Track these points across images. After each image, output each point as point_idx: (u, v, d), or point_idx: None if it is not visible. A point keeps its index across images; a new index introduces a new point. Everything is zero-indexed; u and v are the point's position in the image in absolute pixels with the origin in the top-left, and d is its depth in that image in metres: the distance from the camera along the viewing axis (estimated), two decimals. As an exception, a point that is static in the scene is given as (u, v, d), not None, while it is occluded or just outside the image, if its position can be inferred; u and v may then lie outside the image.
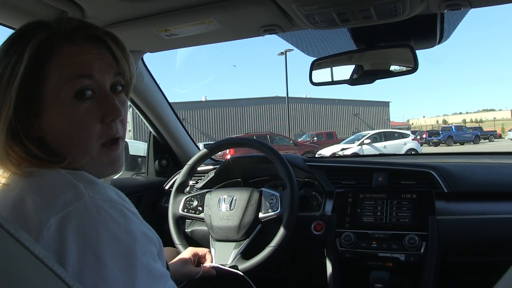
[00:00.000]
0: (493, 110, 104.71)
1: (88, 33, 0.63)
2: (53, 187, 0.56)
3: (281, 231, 1.27)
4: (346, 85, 1.31)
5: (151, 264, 0.57)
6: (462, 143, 25.96)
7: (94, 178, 0.60)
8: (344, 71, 1.31)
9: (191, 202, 1.43)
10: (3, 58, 0.61)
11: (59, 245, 0.51)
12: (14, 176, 0.60)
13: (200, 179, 1.70)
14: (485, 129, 35.50)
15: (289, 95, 23.71)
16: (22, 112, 0.60)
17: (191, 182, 1.56)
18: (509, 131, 29.29)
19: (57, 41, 0.61)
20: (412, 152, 14.30)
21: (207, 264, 1.22)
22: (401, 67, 1.24)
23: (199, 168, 1.57)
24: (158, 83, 1.70)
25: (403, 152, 14.51)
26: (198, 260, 1.23)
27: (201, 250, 1.25)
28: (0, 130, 0.59)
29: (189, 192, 1.51)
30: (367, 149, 15.11)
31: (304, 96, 35.76)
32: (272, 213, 1.31)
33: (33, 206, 0.54)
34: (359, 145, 15.47)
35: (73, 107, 0.60)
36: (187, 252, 1.23)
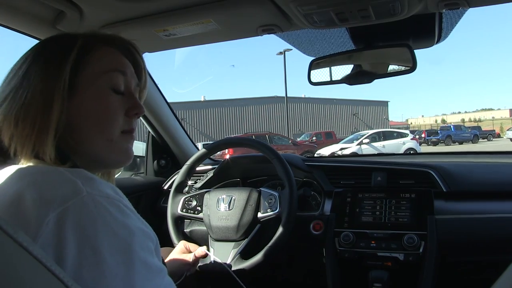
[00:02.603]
0: (491, 109, 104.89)
1: (119, 42, 0.73)
2: (51, 183, 0.56)
3: (280, 230, 1.27)
4: (344, 84, 1.31)
5: (149, 259, 0.57)
6: (460, 143, 26.00)
7: (92, 175, 0.61)
8: (343, 71, 1.31)
9: (190, 202, 1.43)
10: (51, 45, 0.68)
11: (57, 241, 0.51)
12: (12, 173, 0.60)
13: (199, 179, 1.70)
14: (483, 128, 35.53)
15: (288, 95, 23.72)
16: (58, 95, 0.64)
17: (190, 182, 1.56)
18: (507, 130, 29.31)
19: (97, 41, 0.70)
20: (411, 152, 14.31)
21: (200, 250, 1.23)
22: (400, 66, 1.24)
23: (198, 168, 1.57)
24: (157, 83, 1.70)
25: (402, 151, 14.53)
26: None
27: (192, 246, 1.26)
28: (56, 117, 0.62)
29: (188, 192, 1.51)
30: (366, 149, 15.14)
31: (303, 96, 35.77)
32: (271, 213, 1.31)
33: (31, 203, 0.54)
34: (358, 144, 15.48)
35: (109, 95, 0.67)
36: (179, 246, 1.26)
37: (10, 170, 0.61)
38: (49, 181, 0.57)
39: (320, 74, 1.33)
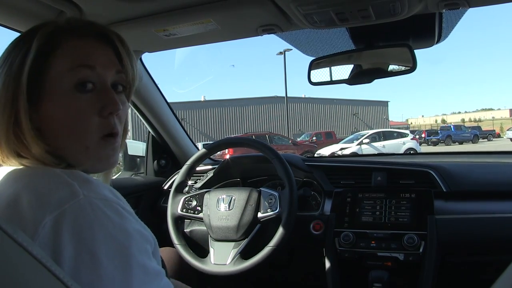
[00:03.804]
0: (491, 109, 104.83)
1: (95, 30, 0.65)
2: (47, 186, 0.56)
3: (280, 230, 1.27)
4: (345, 84, 1.31)
5: (146, 262, 0.57)
6: (461, 143, 25.98)
7: (89, 177, 0.60)
8: (343, 71, 1.31)
9: (190, 202, 1.43)
10: (13, 50, 0.62)
11: (54, 244, 0.51)
12: (8, 175, 0.60)
13: (199, 179, 1.70)
14: (483, 128, 35.49)
15: (288, 95, 23.72)
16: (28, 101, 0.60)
17: (190, 182, 1.56)
18: (507, 130, 29.30)
19: (65, 34, 0.62)
20: (411, 152, 14.30)
21: None
22: (400, 66, 1.24)
23: (198, 168, 1.57)
24: (157, 83, 1.70)
25: (402, 151, 14.51)
26: None
27: None
28: (6, 120, 0.59)
29: (188, 192, 1.51)
30: (366, 149, 15.13)
31: (303, 96, 35.75)
32: (271, 212, 1.31)
33: (28, 205, 0.53)
34: (358, 144, 15.48)
35: (73, 97, 0.60)
36: None
37: (6, 171, 0.61)
38: (45, 183, 0.56)
39: (320, 74, 1.33)
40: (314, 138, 21.74)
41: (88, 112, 0.61)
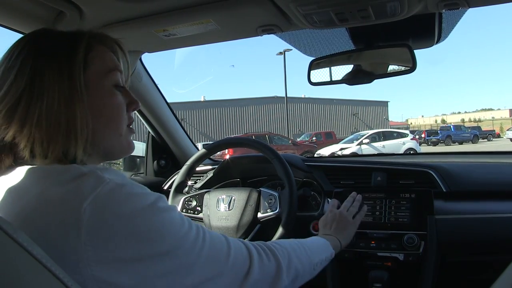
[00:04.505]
0: (491, 109, 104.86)
1: (111, 41, 0.74)
2: (71, 177, 0.58)
3: (280, 231, 1.27)
4: (344, 84, 1.31)
5: (188, 220, 0.66)
6: (460, 143, 26.00)
7: (103, 166, 0.66)
8: (343, 71, 1.31)
9: (190, 202, 1.43)
10: (55, 42, 0.67)
11: (98, 228, 0.53)
12: (29, 174, 0.60)
13: (199, 179, 1.70)
14: (483, 128, 35.51)
15: (288, 95, 23.74)
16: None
17: (189, 182, 1.56)
18: (507, 130, 29.31)
19: (93, 41, 0.70)
20: (411, 152, 14.31)
21: None
22: (400, 66, 1.24)
23: (197, 168, 1.57)
24: (157, 83, 1.70)
25: (402, 151, 14.52)
26: None
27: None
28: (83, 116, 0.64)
29: (187, 192, 1.51)
30: (366, 149, 15.13)
31: (303, 96, 35.78)
32: (271, 213, 1.31)
33: (60, 199, 0.55)
34: (358, 144, 15.48)
35: (114, 94, 0.70)
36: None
37: (23, 171, 0.61)
38: (70, 177, 0.58)
39: (320, 74, 1.33)
40: (314, 138, 21.75)
41: (123, 107, 0.72)
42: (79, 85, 0.64)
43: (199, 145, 7.84)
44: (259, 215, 1.33)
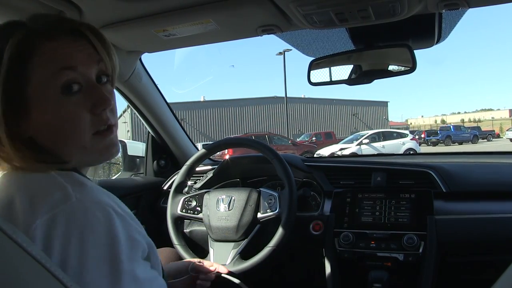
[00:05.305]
0: (491, 109, 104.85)
1: (65, 27, 0.62)
2: (41, 188, 0.56)
3: (280, 231, 1.27)
4: (344, 85, 1.31)
5: (136, 269, 0.56)
6: (460, 143, 25.97)
7: (84, 179, 0.60)
8: (343, 71, 1.31)
9: (190, 203, 1.43)
10: None
11: (44, 247, 0.50)
12: (4, 177, 0.59)
13: (199, 179, 1.70)
14: (483, 128, 35.48)
15: (287, 95, 23.71)
16: (8, 114, 0.58)
17: (189, 183, 1.56)
18: (507, 130, 29.31)
19: (36, 39, 0.59)
20: (411, 152, 14.30)
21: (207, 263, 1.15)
22: (400, 67, 1.24)
23: (197, 169, 1.57)
24: (156, 83, 1.70)
25: (401, 152, 14.51)
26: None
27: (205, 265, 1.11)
28: None
29: (187, 193, 1.51)
30: (365, 149, 15.12)
31: (302, 96, 35.76)
32: (271, 213, 1.31)
33: (21, 207, 0.54)
34: (357, 145, 15.47)
35: (61, 102, 0.59)
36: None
37: (1, 174, 0.61)
38: (39, 187, 0.56)
39: (320, 75, 1.33)
40: (313, 138, 21.74)
41: (78, 114, 0.60)
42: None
43: (199, 145, 7.84)
44: (259, 215, 1.33)
